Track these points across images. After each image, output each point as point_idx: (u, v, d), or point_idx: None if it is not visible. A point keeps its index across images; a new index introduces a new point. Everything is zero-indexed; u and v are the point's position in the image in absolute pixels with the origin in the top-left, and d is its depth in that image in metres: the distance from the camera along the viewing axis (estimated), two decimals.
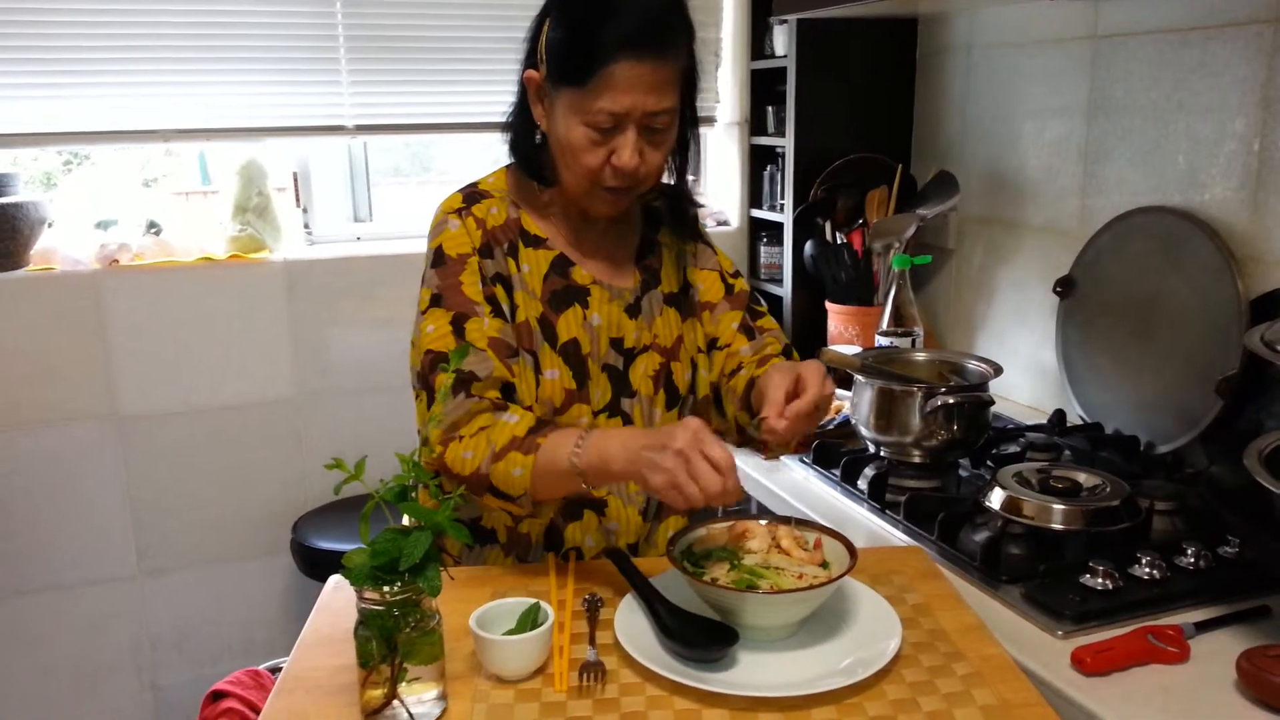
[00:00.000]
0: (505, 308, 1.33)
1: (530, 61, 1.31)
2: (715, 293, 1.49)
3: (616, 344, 1.38)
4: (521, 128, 1.36)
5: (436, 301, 1.31)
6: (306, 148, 2.53)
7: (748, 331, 1.48)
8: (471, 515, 1.38)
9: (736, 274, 1.52)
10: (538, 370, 1.33)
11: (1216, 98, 1.69)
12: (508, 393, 1.29)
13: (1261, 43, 1.61)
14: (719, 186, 2.85)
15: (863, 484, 1.71)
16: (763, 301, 1.56)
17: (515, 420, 1.24)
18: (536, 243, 1.37)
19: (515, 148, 1.38)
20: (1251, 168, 1.64)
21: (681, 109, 1.31)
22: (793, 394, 1.21)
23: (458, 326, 1.29)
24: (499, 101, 1.40)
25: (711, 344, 1.47)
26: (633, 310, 1.40)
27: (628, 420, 1.39)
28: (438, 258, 1.33)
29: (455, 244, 1.33)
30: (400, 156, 2.94)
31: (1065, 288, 1.95)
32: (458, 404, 1.25)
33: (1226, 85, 1.67)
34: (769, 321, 1.52)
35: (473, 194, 1.38)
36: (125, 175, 2.60)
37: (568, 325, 1.35)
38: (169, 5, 2.22)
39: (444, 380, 1.21)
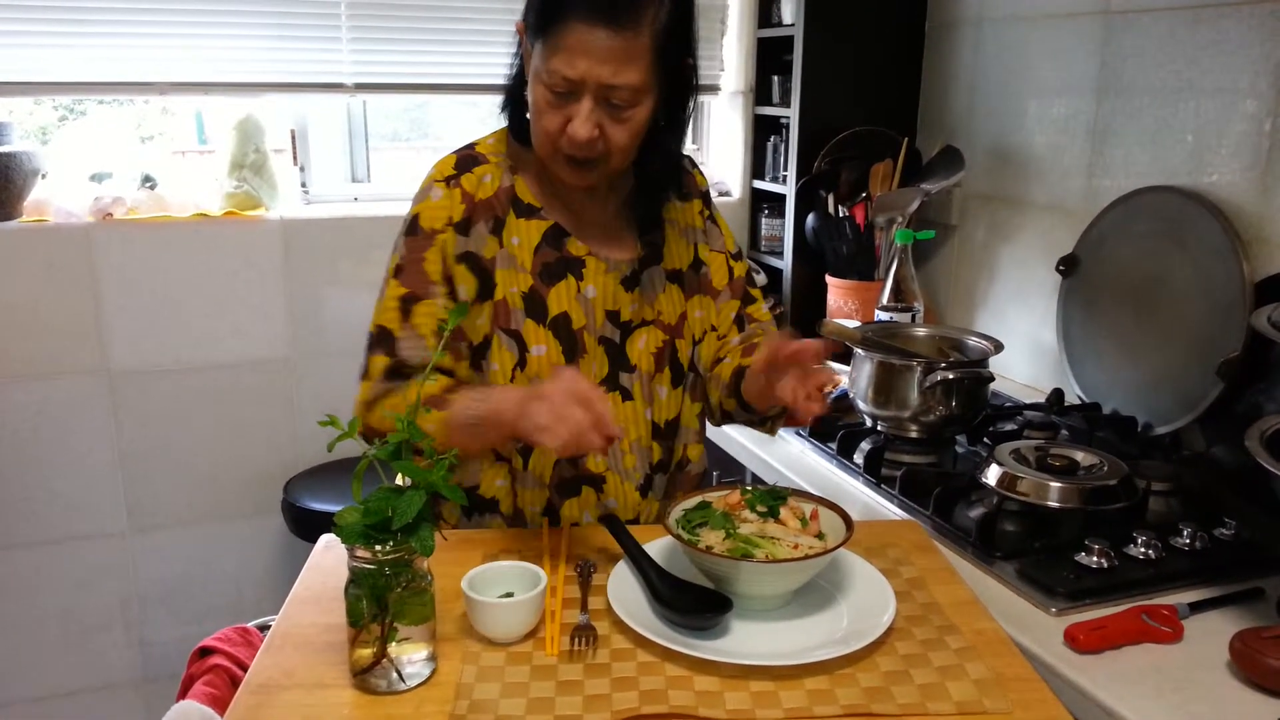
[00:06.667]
0: (463, 289, 1.30)
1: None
2: (721, 278, 1.47)
3: (613, 317, 1.36)
4: (516, 81, 1.33)
5: (398, 273, 1.31)
6: (305, 106, 2.49)
7: (739, 322, 1.48)
8: (469, 483, 1.37)
9: (737, 255, 1.51)
10: (523, 347, 1.31)
11: (1228, 77, 1.67)
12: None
13: (1277, 22, 1.58)
14: (721, 156, 2.82)
15: (859, 458, 1.71)
16: (757, 281, 1.55)
17: (432, 382, 1.23)
18: (530, 212, 1.34)
19: (507, 102, 1.35)
20: (1262, 149, 1.62)
21: (666, 89, 1.26)
22: (780, 353, 1.20)
23: (406, 306, 1.29)
24: (501, 64, 1.37)
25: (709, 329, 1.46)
26: (629, 283, 1.38)
27: (627, 396, 1.37)
28: (411, 226, 1.32)
29: (431, 216, 1.31)
30: (399, 122, 2.90)
31: (1068, 266, 1.94)
32: (384, 388, 1.28)
33: (1239, 65, 1.65)
34: (760, 311, 1.50)
35: (467, 158, 1.35)
36: (121, 131, 2.56)
37: (559, 298, 1.33)
38: None
39: (377, 364, 1.28)
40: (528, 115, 1.32)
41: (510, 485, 1.36)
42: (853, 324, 2.09)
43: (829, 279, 2.43)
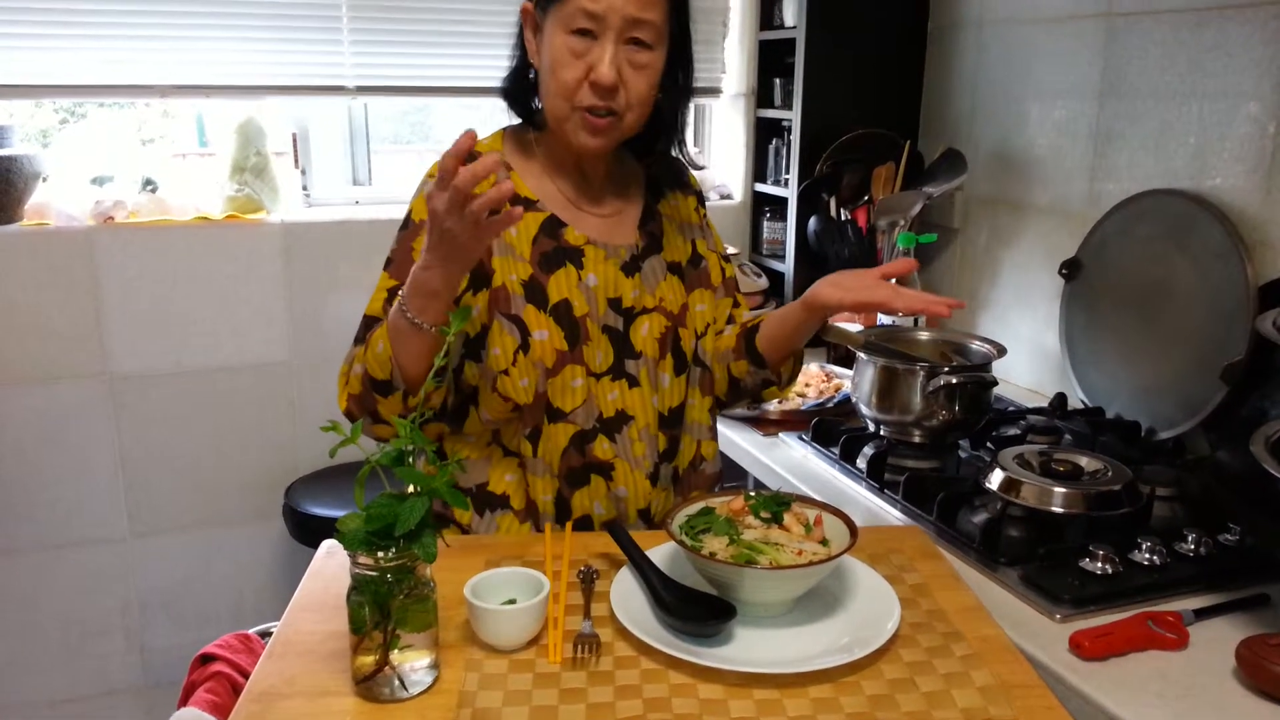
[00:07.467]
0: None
1: None
2: (717, 276, 1.49)
3: (615, 304, 1.37)
4: (518, 66, 1.37)
5: (388, 265, 1.34)
6: (306, 109, 2.49)
7: (731, 322, 1.51)
8: (478, 481, 1.37)
9: (726, 258, 1.54)
10: (525, 332, 1.31)
11: (1232, 80, 1.67)
12: None
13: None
14: (723, 159, 2.82)
15: (861, 463, 1.70)
16: (740, 285, 1.59)
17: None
18: (526, 205, 1.35)
19: (510, 88, 1.38)
20: (1265, 152, 1.62)
21: (671, 61, 1.30)
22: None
23: (392, 294, 1.30)
24: (502, 66, 1.39)
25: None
26: (630, 269, 1.39)
27: (634, 383, 1.37)
28: (405, 220, 1.35)
29: (421, 209, 1.32)
30: (400, 125, 2.90)
31: (1071, 270, 1.93)
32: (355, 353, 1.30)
33: (1242, 68, 1.65)
34: (742, 316, 1.53)
35: None
36: (121, 134, 2.56)
37: (559, 286, 1.34)
38: None
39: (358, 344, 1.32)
40: (535, 103, 1.36)
41: (521, 477, 1.36)
42: (855, 328, 2.09)
43: None
